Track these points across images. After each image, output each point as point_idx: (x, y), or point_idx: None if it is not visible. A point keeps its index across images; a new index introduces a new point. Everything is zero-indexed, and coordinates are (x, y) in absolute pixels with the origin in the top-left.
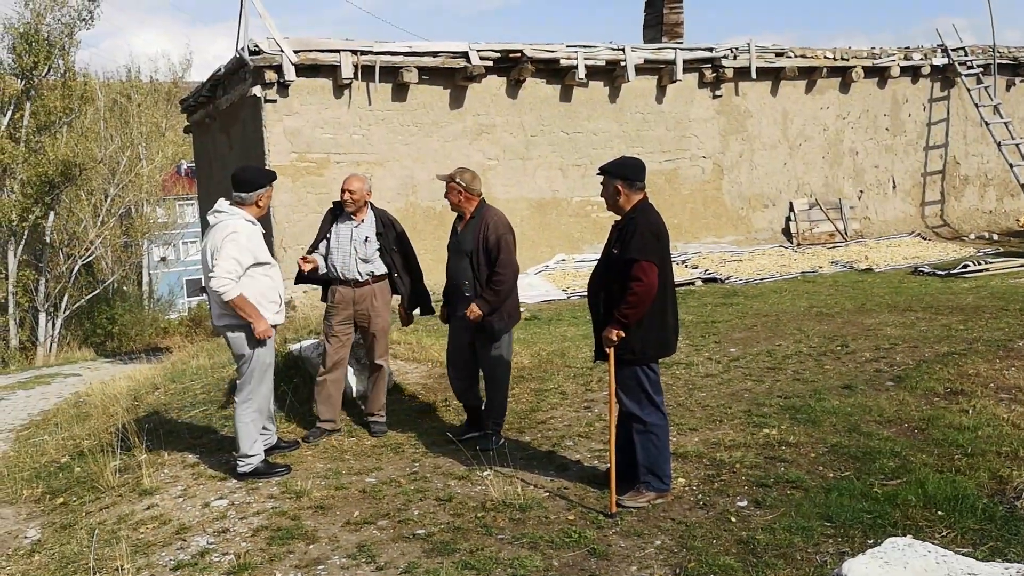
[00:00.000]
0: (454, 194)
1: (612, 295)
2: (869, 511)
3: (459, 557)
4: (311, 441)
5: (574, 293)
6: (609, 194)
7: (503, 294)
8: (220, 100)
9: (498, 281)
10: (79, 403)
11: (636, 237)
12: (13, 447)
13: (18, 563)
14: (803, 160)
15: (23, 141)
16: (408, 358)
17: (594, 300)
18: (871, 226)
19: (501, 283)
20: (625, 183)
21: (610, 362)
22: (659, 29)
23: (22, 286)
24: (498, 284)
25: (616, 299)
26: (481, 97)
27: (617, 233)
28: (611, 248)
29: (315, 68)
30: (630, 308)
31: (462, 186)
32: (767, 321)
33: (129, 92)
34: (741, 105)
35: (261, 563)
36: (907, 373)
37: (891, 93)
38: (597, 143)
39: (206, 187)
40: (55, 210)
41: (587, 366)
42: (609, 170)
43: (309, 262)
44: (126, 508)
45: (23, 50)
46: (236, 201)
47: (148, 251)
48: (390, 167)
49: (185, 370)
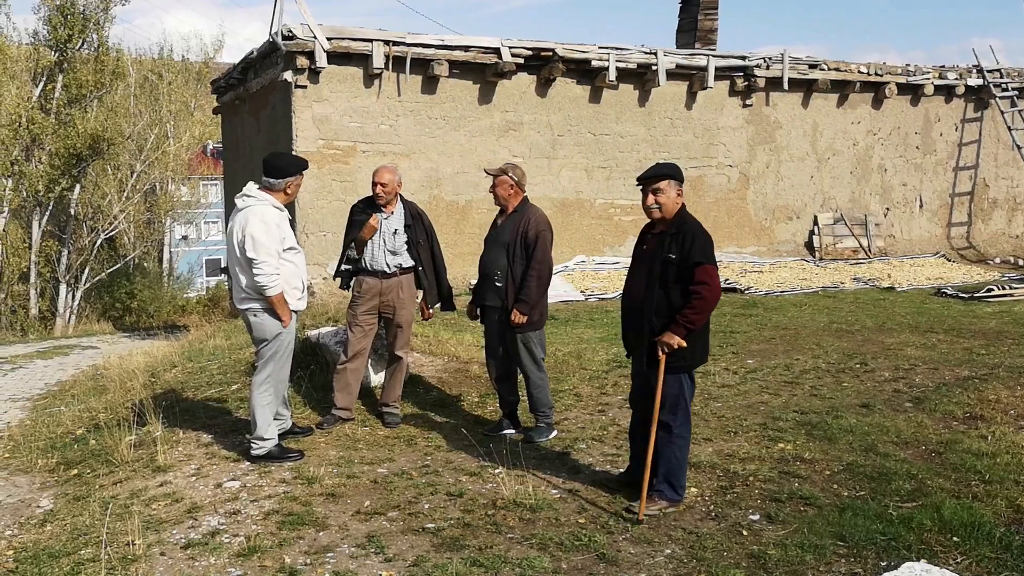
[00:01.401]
0: (504, 187)
1: (671, 301)
2: (883, 533)
3: (468, 553)
4: (325, 428)
5: (592, 295)
6: (670, 199)
7: (540, 290)
8: (251, 83)
9: (532, 276)
10: (96, 376)
11: (698, 241)
12: (30, 416)
13: (30, 532)
14: (831, 174)
15: (54, 113)
16: (425, 351)
17: (639, 307)
18: (896, 244)
19: (536, 279)
20: (680, 187)
21: (660, 368)
22: (692, 35)
23: (44, 256)
24: (532, 280)
25: (677, 305)
26: (510, 94)
27: (669, 239)
28: (663, 253)
29: (347, 56)
30: (698, 313)
31: (513, 180)
32: (786, 334)
33: (160, 70)
34: (771, 115)
35: (271, 547)
36: (926, 395)
37: (923, 111)
38: (624, 146)
39: (232, 169)
40: (81, 183)
41: (603, 369)
42: (672, 174)
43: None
44: (139, 483)
45: (58, 22)
46: (265, 186)
47: (170, 229)
48: (416, 159)
49: (202, 349)
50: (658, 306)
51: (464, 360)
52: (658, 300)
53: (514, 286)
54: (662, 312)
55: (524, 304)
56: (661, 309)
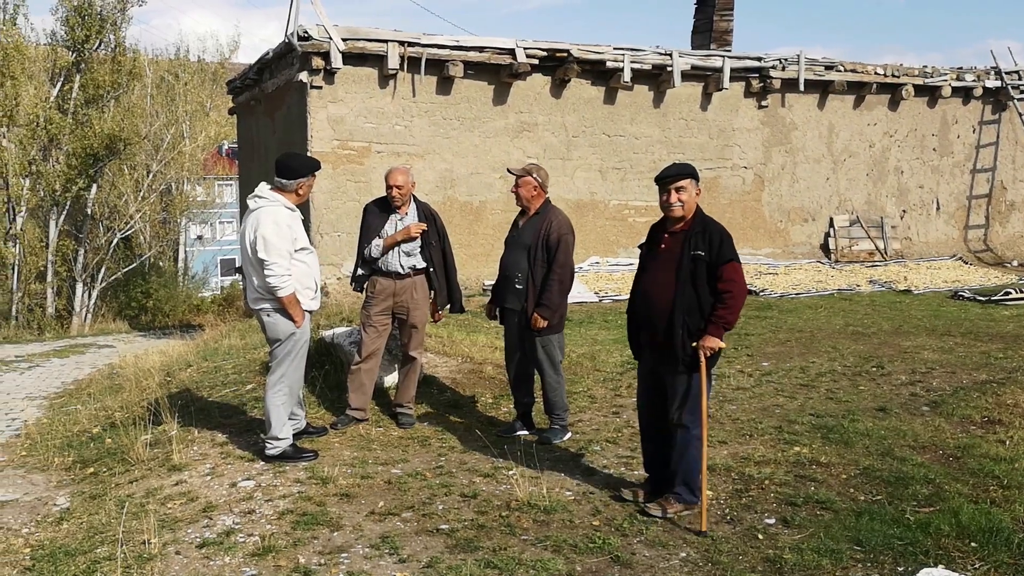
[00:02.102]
0: (527, 188)
1: (701, 300)
2: (900, 537)
3: (482, 555)
4: (339, 428)
5: (606, 296)
6: (691, 197)
7: (561, 294)
8: (266, 83)
9: (554, 281)
10: (112, 375)
11: (726, 239)
12: (47, 414)
13: (47, 530)
14: (846, 176)
15: (71, 113)
16: (439, 352)
17: (662, 307)
18: (912, 247)
19: (557, 283)
20: (698, 186)
21: (701, 371)
22: (708, 36)
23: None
24: (554, 285)
25: (706, 303)
26: (525, 95)
27: (695, 237)
28: (689, 251)
29: (362, 57)
30: (731, 312)
31: (537, 181)
32: (801, 337)
33: (177, 70)
34: (787, 117)
35: (285, 547)
36: (943, 399)
37: (941, 113)
38: (638, 147)
39: (247, 169)
40: (98, 183)
41: (617, 371)
42: (693, 173)
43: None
44: (155, 482)
45: (76, 23)
46: (277, 186)
47: (185, 228)
48: (430, 160)
49: (217, 349)
50: (689, 305)
51: (478, 361)
52: (689, 299)
53: (534, 289)
54: (693, 311)
55: (545, 309)
56: (692, 308)
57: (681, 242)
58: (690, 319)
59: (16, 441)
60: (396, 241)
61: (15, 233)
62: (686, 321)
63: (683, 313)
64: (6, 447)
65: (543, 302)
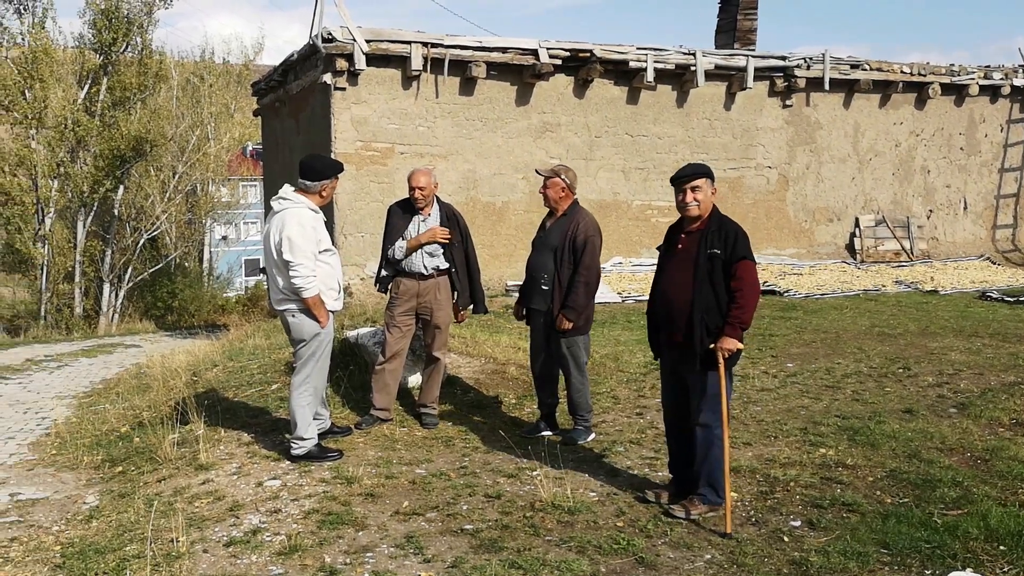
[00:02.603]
0: (555, 189)
1: (719, 298)
2: (928, 541)
3: (506, 555)
4: (364, 428)
5: (629, 296)
6: (707, 196)
7: (588, 296)
8: (291, 85)
9: (580, 282)
10: (140, 374)
11: (740, 237)
12: (76, 413)
13: (76, 528)
14: (872, 175)
15: (98, 115)
16: (462, 352)
17: (681, 306)
18: (939, 247)
19: (583, 284)
20: (714, 186)
21: (720, 372)
22: (732, 35)
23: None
24: (580, 286)
25: (723, 301)
26: (547, 95)
27: (711, 235)
28: (706, 250)
29: (385, 58)
30: (744, 311)
31: (566, 183)
32: (826, 338)
33: (202, 72)
34: (811, 116)
35: (311, 546)
36: (971, 401)
37: (968, 112)
38: (661, 147)
39: (271, 170)
40: (125, 184)
41: (640, 371)
42: (709, 173)
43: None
44: (182, 481)
45: (103, 26)
46: (300, 188)
47: (210, 229)
48: (453, 160)
49: (243, 349)
50: (707, 304)
51: (501, 361)
52: (707, 298)
53: (561, 291)
54: (711, 310)
55: (571, 310)
56: (710, 307)
57: (698, 241)
58: (708, 318)
59: (46, 440)
60: (420, 243)
61: (44, 234)
62: (704, 320)
63: (702, 312)
64: (36, 446)
65: (569, 303)
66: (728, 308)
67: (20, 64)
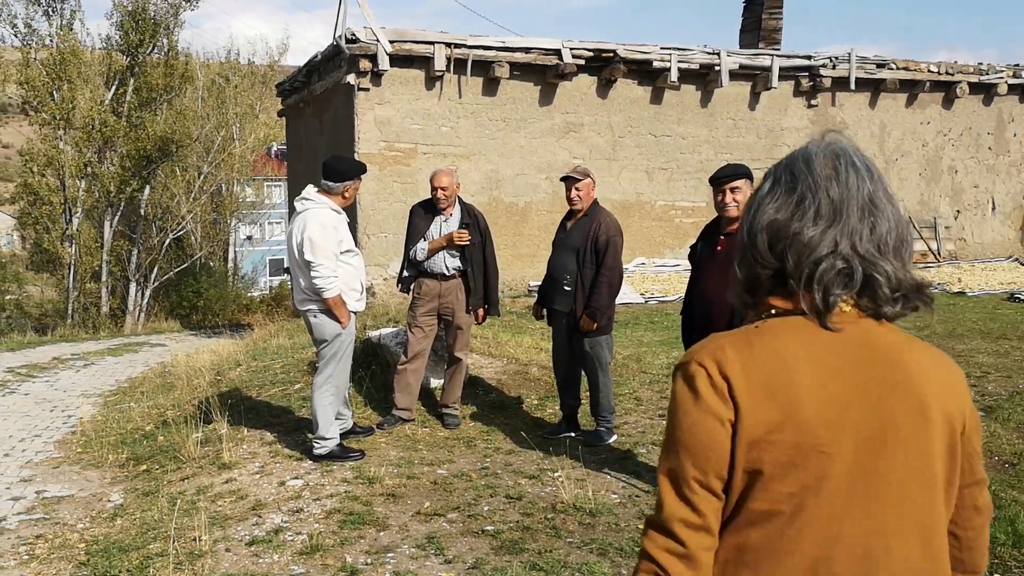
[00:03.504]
0: (587, 191)
1: None
2: None
3: (527, 557)
4: (385, 428)
5: (652, 297)
6: (746, 197)
7: (610, 296)
8: (315, 86)
9: (603, 283)
10: (165, 373)
11: None
12: (101, 411)
13: (101, 526)
14: (898, 175)
15: (125, 116)
16: (484, 352)
17: (720, 309)
18: (966, 248)
19: (606, 285)
20: (753, 187)
21: None
22: (756, 34)
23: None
24: (603, 286)
25: None
26: (571, 95)
27: None
28: None
29: (409, 59)
30: None
31: (592, 184)
32: None
33: (227, 73)
34: (837, 116)
35: (332, 546)
36: (999, 404)
37: (996, 111)
38: (685, 147)
39: (295, 170)
40: (151, 184)
41: (663, 373)
42: (749, 174)
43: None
44: (206, 480)
45: (130, 27)
46: (323, 189)
47: (235, 229)
48: (476, 161)
49: (266, 348)
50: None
51: (523, 362)
52: None
53: (583, 291)
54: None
55: (594, 311)
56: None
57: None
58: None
59: (72, 438)
60: (440, 246)
61: (71, 233)
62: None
63: (742, 315)
64: (63, 443)
65: (592, 304)
66: None
67: (48, 65)
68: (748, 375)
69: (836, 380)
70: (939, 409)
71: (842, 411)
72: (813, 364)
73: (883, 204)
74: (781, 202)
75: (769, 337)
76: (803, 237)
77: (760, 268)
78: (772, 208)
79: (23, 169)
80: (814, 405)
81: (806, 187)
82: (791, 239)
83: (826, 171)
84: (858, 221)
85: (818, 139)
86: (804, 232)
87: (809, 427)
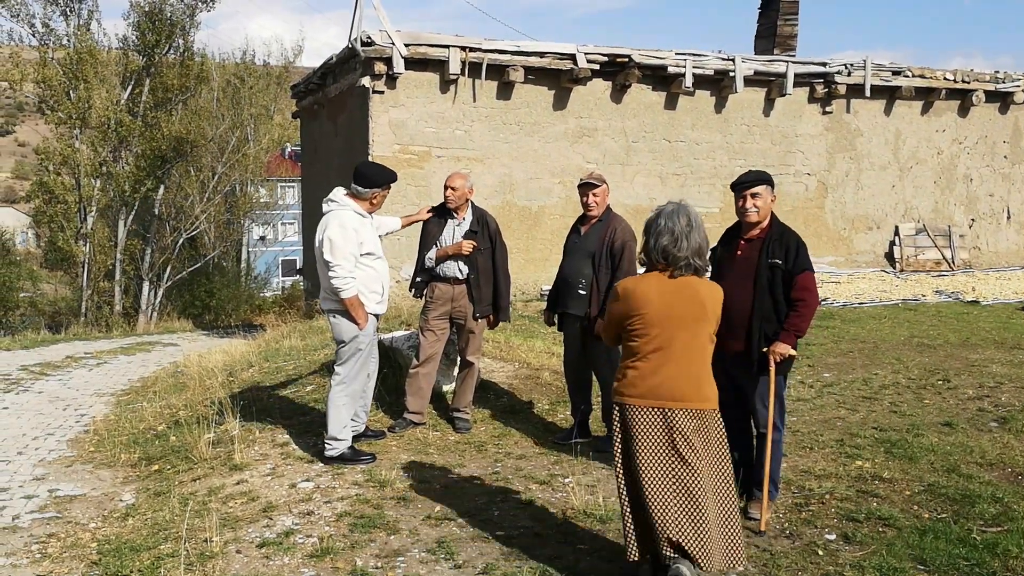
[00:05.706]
0: (604, 196)
1: (778, 307)
2: (966, 558)
3: (537, 563)
4: (397, 431)
5: None
6: (767, 203)
7: None
8: (329, 88)
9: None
10: (177, 373)
11: (802, 248)
12: (113, 410)
13: (113, 525)
14: (913, 183)
15: (141, 115)
16: (496, 357)
17: (741, 313)
18: (981, 257)
19: None
20: (773, 193)
21: (771, 376)
22: (771, 40)
23: (129, 255)
24: None
25: (781, 310)
26: (585, 100)
27: (772, 244)
28: (767, 259)
29: (423, 62)
30: (804, 320)
31: (607, 190)
32: (864, 348)
33: (242, 74)
34: (851, 123)
35: (343, 549)
36: (1012, 415)
37: (1013, 119)
38: (699, 153)
39: (310, 171)
40: (165, 184)
41: None
42: (770, 180)
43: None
44: (217, 481)
45: (147, 28)
46: (352, 193)
47: (248, 229)
48: (489, 164)
49: (279, 349)
50: (766, 313)
51: (535, 367)
52: (767, 306)
53: (599, 296)
54: (769, 317)
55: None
56: (769, 315)
57: (758, 249)
58: (767, 326)
59: (85, 437)
60: (447, 255)
61: (85, 232)
62: (763, 328)
63: (761, 320)
64: (75, 442)
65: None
66: (787, 315)
67: (65, 65)
68: (634, 290)
69: (666, 295)
70: (708, 304)
71: (667, 308)
72: (657, 289)
73: (691, 231)
74: (660, 229)
75: (647, 278)
76: (660, 245)
77: (651, 256)
78: (655, 232)
79: (39, 167)
80: (655, 305)
81: (663, 224)
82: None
83: (671, 218)
84: (678, 239)
85: (674, 202)
86: (660, 243)
87: (653, 314)
